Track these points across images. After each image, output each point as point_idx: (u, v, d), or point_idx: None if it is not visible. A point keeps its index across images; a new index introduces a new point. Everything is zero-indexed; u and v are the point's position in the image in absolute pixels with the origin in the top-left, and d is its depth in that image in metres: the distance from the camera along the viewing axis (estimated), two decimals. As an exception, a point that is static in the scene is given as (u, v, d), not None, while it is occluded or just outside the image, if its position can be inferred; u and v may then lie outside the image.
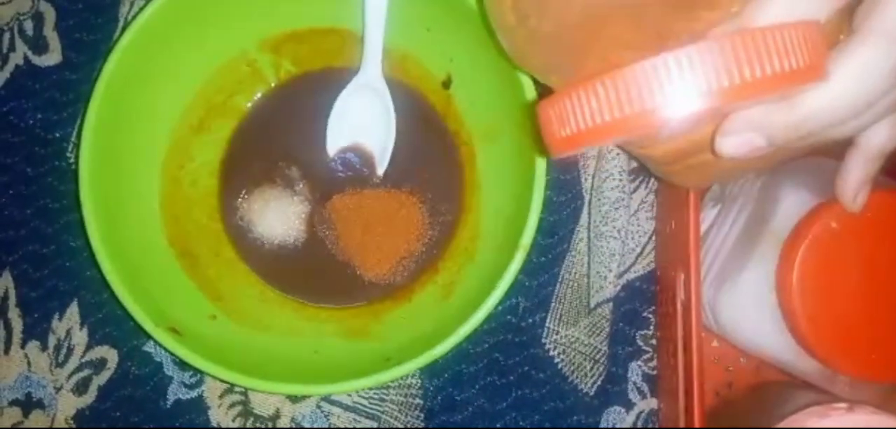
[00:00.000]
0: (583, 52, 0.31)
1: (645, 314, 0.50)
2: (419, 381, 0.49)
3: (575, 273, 0.50)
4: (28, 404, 0.49)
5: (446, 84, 0.50)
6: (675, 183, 0.37)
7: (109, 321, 0.50)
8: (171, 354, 0.42)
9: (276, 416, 0.49)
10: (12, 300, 0.50)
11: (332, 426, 0.49)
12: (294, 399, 0.49)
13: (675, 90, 0.25)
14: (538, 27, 0.32)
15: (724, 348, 0.48)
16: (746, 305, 0.41)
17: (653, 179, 0.50)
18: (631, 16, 0.30)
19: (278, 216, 0.50)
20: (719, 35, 0.25)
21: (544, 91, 0.29)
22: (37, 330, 0.50)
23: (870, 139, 0.31)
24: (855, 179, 0.33)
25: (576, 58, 0.32)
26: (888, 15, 0.26)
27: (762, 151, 0.28)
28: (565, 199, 0.50)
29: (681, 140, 0.32)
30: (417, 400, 0.49)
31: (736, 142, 0.28)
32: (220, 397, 0.49)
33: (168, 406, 0.49)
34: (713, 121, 0.29)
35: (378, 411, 0.49)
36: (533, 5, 0.32)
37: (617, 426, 0.49)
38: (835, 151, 0.34)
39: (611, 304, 0.49)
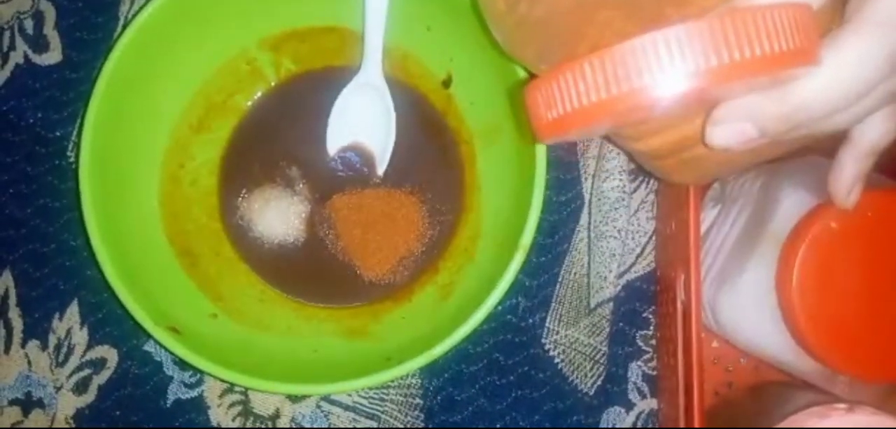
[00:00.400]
0: (574, 38, 0.31)
1: (645, 314, 0.49)
2: (419, 381, 0.49)
3: (575, 273, 0.50)
4: (28, 404, 0.49)
5: (446, 83, 0.50)
6: (671, 180, 0.36)
7: (109, 321, 0.50)
8: (171, 353, 0.42)
9: (276, 416, 0.49)
10: (12, 300, 0.50)
11: (331, 426, 0.49)
12: (294, 399, 0.49)
13: (664, 69, 0.24)
14: (529, 13, 0.32)
15: (724, 348, 0.48)
16: (746, 306, 0.41)
17: (653, 180, 0.50)
18: (623, 1, 0.29)
19: (278, 215, 0.50)
20: (711, 16, 0.25)
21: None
22: (37, 329, 0.50)
23: (863, 133, 0.31)
24: (848, 175, 0.33)
25: (566, 45, 0.31)
26: (881, 5, 0.26)
27: (754, 143, 0.28)
28: (565, 199, 0.50)
29: (673, 133, 0.32)
30: (417, 400, 0.49)
31: (727, 132, 0.28)
32: (220, 396, 0.49)
33: (168, 406, 0.49)
34: (704, 111, 0.29)
35: (378, 410, 0.49)
36: None
37: (617, 427, 0.48)
38: (834, 151, 0.34)
39: (611, 304, 0.49)
